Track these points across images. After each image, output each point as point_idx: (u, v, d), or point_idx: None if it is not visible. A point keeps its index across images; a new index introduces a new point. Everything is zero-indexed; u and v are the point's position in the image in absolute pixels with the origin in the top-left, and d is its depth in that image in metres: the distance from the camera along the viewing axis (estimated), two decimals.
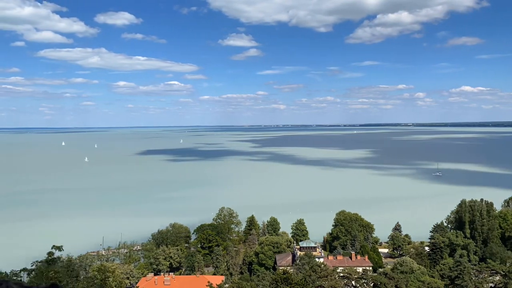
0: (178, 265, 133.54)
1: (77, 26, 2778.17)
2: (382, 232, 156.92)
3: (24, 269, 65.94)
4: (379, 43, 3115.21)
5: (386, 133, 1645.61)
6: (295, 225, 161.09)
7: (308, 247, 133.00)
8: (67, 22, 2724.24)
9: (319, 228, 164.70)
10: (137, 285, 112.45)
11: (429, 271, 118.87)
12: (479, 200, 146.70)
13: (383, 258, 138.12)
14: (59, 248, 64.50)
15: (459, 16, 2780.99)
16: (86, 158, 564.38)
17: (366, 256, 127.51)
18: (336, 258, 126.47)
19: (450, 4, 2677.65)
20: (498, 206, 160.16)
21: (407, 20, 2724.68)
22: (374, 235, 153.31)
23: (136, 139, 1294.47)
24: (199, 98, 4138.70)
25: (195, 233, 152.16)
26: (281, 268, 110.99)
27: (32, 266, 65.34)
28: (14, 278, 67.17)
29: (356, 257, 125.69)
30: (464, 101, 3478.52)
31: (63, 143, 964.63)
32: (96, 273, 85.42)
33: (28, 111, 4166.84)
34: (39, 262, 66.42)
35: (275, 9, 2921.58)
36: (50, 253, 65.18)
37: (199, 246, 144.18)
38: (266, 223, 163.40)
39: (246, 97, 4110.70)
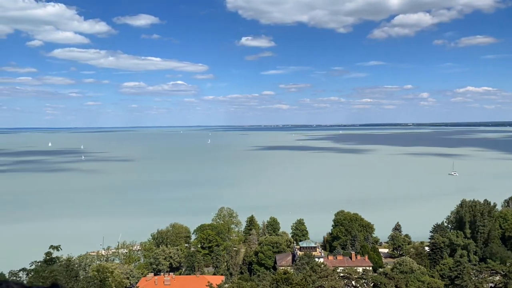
0: (178, 265, 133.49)
1: (99, 26, 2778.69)
2: (382, 232, 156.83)
3: (23, 269, 65.79)
4: (385, 43, 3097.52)
5: (432, 132, 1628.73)
6: (295, 225, 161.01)
7: (308, 247, 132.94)
8: (89, 23, 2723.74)
9: (319, 228, 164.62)
10: (137, 285, 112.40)
11: (429, 271, 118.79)
12: (479, 200, 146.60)
13: (383, 258, 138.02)
14: (57, 248, 64.33)
15: (478, 16, 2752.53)
16: (83, 157, 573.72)
17: (366, 256, 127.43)
18: (336, 258, 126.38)
19: (471, 3, 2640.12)
20: (498, 206, 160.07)
21: (426, 21, 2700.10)
22: (374, 235, 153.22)
23: (133, 139, 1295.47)
24: (204, 98, 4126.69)
25: (195, 233, 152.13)
26: (281, 268, 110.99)
27: (31, 266, 65.17)
28: (14, 278, 67.13)
29: (356, 257, 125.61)
30: (468, 101, 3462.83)
31: (50, 144, 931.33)
32: (96, 273, 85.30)
33: (32, 111, 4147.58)
34: (38, 262, 66.26)
35: (296, 10, 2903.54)
36: (48, 253, 65.01)
37: (199, 246, 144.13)
38: (266, 223, 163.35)
39: (251, 97, 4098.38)
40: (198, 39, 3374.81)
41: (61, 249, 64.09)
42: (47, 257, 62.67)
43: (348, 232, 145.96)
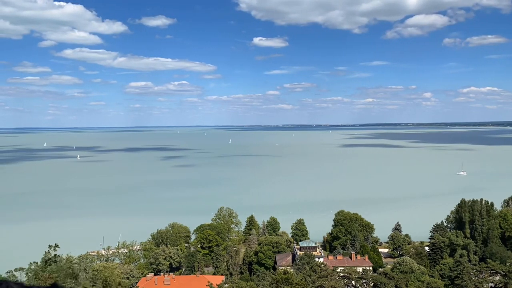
0: (178, 265, 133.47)
1: (116, 27, 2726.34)
2: (382, 232, 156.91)
3: (21, 269, 65.92)
4: (393, 44, 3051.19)
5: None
6: (295, 225, 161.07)
7: (308, 247, 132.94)
8: (107, 24, 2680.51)
9: (319, 228, 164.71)
10: (137, 285, 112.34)
11: (429, 271, 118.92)
12: (479, 200, 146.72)
13: (383, 258, 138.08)
14: (55, 247, 64.35)
15: (495, 16, 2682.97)
16: (78, 156, 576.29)
17: (366, 256, 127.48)
18: (336, 258, 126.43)
19: (490, 4, 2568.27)
20: (498, 206, 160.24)
21: (441, 22, 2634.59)
22: (374, 235, 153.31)
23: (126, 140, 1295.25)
24: (209, 98, 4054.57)
25: (195, 233, 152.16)
26: (281, 268, 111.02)
27: (30, 266, 65.21)
28: (13, 278, 67.17)
29: (356, 257, 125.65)
30: (471, 101, 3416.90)
31: (45, 144, 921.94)
32: (97, 273, 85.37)
33: (34, 111, 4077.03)
34: (36, 263, 66.32)
35: (312, 10, 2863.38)
36: (47, 253, 64.98)
37: (199, 246, 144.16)
38: (266, 223, 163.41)
39: (256, 97, 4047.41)
40: (209, 39, 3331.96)
41: (59, 247, 64.07)
42: (46, 257, 62.68)
43: (348, 232, 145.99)
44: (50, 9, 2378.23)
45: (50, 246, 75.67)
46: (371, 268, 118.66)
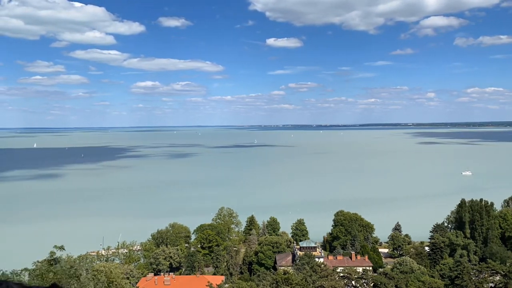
0: (178, 265, 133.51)
1: (134, 27, 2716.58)
2: (382, 232, 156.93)
3: (25, 269, 65.79)
4: (402, 44, 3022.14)
5: None
6: (295, 225, 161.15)
7: (308, 247, 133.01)
8: (125, 24, 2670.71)
9: (319, 228, 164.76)
10: (137, 285, 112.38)
11: (429, 271, 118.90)
12: (479, 200, 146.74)
13: (383, 258, 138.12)
14: (61, 248, 64.29)
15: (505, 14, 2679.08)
16: (82, 155, 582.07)
17: (366, 256, 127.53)
18: (336, 258, 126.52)
19: (507, 4, 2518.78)
20: (498, 206, 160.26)
21: (457, 23, 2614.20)
22: (374, 235, 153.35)
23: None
24: (215, 98, 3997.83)
25: (195, 233, 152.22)
26: (281, 268, 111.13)
27: (33, 266, 65.11)
28: (16, 278, 67.15)
29: (356, 257, 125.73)
30: (474, 101, 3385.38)
31: (35, 145, 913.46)
32: (97, 273, 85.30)
33: (42, 111, 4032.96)
34: (40, 262, 66.25)
35: (330, 11, 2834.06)
36: (52, 253, 64.90)
37: (199, 246, 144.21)
38: (266, 223, 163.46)
39: (260, 97, 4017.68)
40: (223, 40, 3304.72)
41: (64, 249, 64.02)
42: (51, 257, 62.55)
43: (348, 232, 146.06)
44: (69, 10, 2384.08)
45: (56, 247, 75.66)
46: (371, 268, 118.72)
